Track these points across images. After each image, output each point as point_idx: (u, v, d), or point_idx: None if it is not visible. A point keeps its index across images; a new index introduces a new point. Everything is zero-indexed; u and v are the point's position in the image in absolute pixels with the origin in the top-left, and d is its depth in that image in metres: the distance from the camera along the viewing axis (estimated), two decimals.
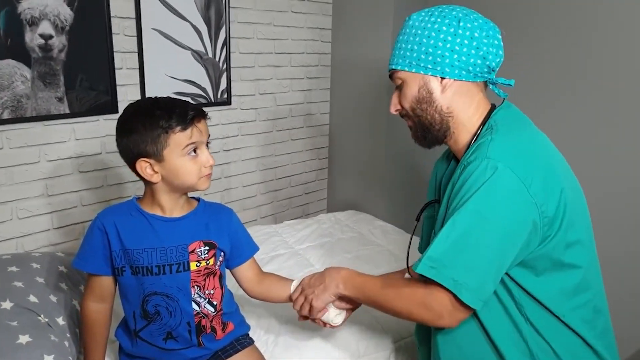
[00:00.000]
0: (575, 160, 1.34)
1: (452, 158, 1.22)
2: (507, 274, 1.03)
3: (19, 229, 1.85)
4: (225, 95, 2.35)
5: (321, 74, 2.76)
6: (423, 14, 1.11)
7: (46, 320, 1.28)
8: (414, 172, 2.70)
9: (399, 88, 1.15)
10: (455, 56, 1.06)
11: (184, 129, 1.07)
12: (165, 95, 1.16)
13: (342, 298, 1.21)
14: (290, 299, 1.27)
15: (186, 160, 1.09)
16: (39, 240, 1.91)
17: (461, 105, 1.10)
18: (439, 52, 1.07)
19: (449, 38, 1.06)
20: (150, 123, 1.06)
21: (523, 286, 1.04)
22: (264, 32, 2.44)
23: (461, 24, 1.06)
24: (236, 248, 1.25)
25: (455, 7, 1.10)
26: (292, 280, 1.30)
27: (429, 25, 1.08)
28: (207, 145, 1.14)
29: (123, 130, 1.11)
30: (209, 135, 1.15)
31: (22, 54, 1.72)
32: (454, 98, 1.10)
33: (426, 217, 1.29)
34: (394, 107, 1.18)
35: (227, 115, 2.39)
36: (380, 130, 2.59)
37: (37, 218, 1.88)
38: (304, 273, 1.67)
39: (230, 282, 1.29)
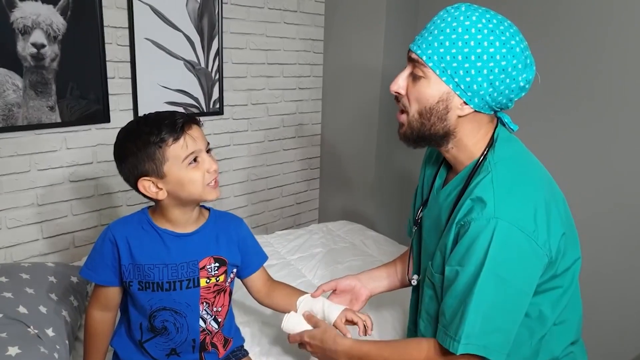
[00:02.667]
0: (563, 171, 1.35)
1: (443, 162, 1.19)
2: None
3: (8, 238, 1.83)
4: (218, 105, 2.36)
5: (313, 85, 2.78)
6: (484, 21, 0.96)
7: (36, 331, 1.26)
8: (405, 182, 2.72)
9: (415, 77, 1.03)
10: (491, 90, 0.98)
11: (176, 139, 1.04)
12: (157, 106, 1.13)
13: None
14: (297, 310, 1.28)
15: (188, 171, 1.07)
16: (29, 250, 1.89)
17: (468, 131, 1.05)
18: (480, 79, 0.97)
19: (496, 71, 0.96)
20: (141, 142, 1.04)
21: None
22: (257, 43, 2.45)
23: (514, 61, 0.96)
24: (246, 258, 1.24)
25: (514, 31, 0.98)
26: (301, 293, 1.30)
27: (486, 43, 0.95)
28: (209, 152, 1.11)
29: (119, 156, 1.08)
30: (208, 142, 1.12)
31: (14, 63, 1.71)
32: (464, 122, 1.04)
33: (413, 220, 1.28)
34: (396, 87, 1.05)
35: (219, 125, 2.40)
36: (371, 141, 2.60)
37: (26, 228, 1.87)
38: (296, 284, 1.67)
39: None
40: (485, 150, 1.06)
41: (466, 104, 1.01)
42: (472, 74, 0.97)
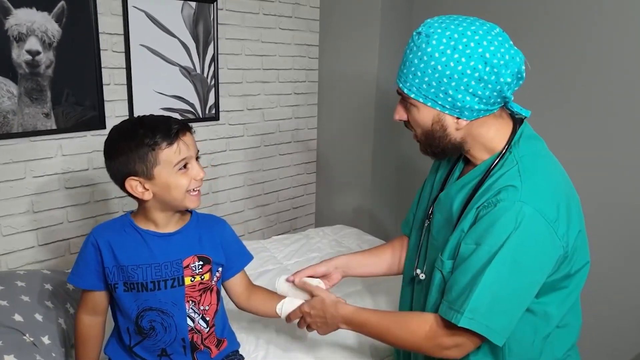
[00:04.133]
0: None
1: (458, 158, 1.20)
2: None
3: (4, 246, 1.82)
4: (213, 111, 2.36)
5: (309, 90, 2.79)
6: (444, 41, 0.98)
7: (31, 339, 1.26)
8: (401, 187, 2.72)
9: (407, 106, 1.08)
10: (477, 99, 1.00)
11: (170, 144, 1.07)
12: (152, 112, 1.15)
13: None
14: (279, 315, 1.28)
15: (177, 176, 1.09)
16: (24, 258, 1.88)
17: (477, 134, 1.07)
18: (460, 96, 0.99)
19: (473, 83, 0.98)
20: (135, 143, 1.06)
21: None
22: (252, 49, 2.46)
23: (487, 68, 0.97)
24: (230, 259, 1.24)
25: (480, 36, 0.97)
26: (278, 298, 1.30)
27: (452, 63, 0.97)
28: (197, 159, 1.14)
29: (110, 153, 1.11)
30: (198, 150, 1.15)
31: (8, 70, 1.71)
32: (469, 130, 1.06)
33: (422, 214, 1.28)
34: (398, 117, 1.12)
35: (215, 130, 2.40)
36: (367, 145, 2.61)
37: (22, 235, 1.86)
38: None
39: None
40: (507, 144, 1.07)
41: (459, 119, 1.03)
42: (451, 94, 1.00)
